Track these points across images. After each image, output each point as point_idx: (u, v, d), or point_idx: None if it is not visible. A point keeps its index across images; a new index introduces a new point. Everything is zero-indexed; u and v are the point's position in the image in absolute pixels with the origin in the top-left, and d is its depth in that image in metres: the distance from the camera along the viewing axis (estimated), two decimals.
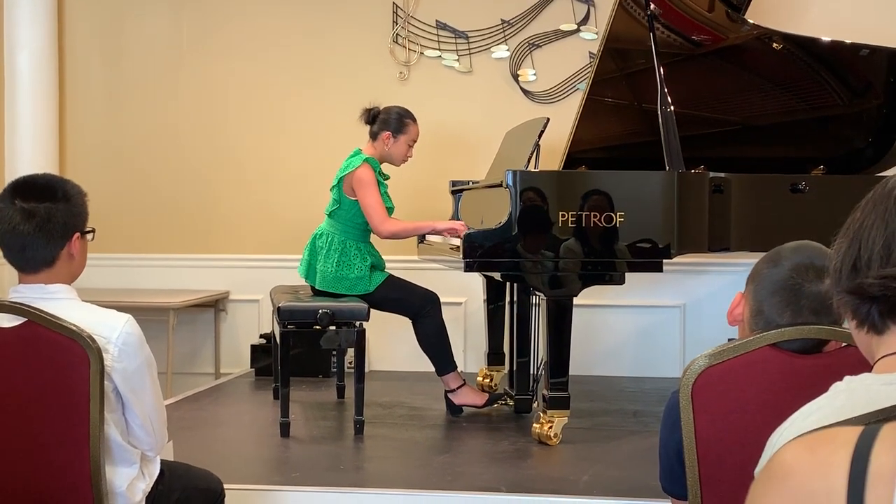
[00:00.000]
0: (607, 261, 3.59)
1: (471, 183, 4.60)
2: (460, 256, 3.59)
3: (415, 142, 4.22)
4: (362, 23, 5.39)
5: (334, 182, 4.13)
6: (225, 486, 2.43)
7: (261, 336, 5.30)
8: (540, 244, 3.56)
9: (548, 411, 3.61)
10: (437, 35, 5.36)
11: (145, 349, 2.07)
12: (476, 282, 4.80)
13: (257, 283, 5.33)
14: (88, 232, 2.12)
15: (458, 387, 4.10)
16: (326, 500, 3.07)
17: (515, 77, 5.32)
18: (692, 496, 1.66)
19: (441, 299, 4.12)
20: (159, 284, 5.49)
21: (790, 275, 1.61)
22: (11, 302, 2.01)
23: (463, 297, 5.22)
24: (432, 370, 4.11)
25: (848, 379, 1.05)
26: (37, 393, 1.98)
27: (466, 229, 3.87)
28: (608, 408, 4.36)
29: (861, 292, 1.01)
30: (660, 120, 3.78)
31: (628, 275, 3.63)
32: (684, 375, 1.64)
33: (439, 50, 5.36)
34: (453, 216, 4.64)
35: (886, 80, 4.30)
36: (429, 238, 4.43)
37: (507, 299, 4.44)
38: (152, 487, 2.17)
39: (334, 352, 4.91)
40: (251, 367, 5.22)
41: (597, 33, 5.14)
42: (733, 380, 1.62)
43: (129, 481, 2.09)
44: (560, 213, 3.55)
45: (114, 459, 2.07)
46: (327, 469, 3.36)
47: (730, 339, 1.68)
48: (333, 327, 3.80)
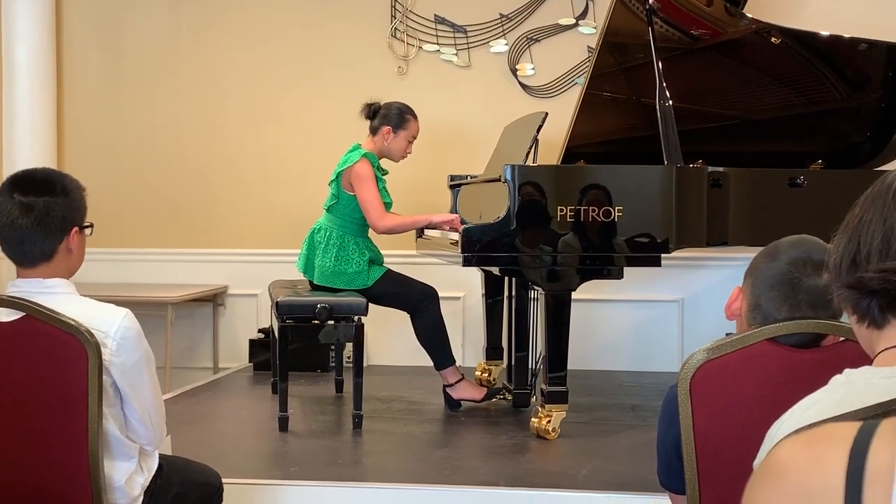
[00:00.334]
0: (606, 255, 3.59)
1: (469, 177, 4.59)
2: (459, 251, 3.58)
3: (415, 138, 4.21)
4: (361, 17, 5.38)
5: (332, 177, 4.12)
6: (223, 480, 2.43)
7: (259, 331, 5.30)
8: (538, 238, 3.56)
9: (546, 405, 3.61)
10: (436, 29, 5.36)
11: (143, 344, 2.07)
12: (474, 276, 4.80)
13: (256, 278, 5.32)
14: (87, 227, 2.12)
15: (456, 381, 4.10)
16: (325, 495, 3.07)
17: (514, 71, 5.31)
18: (690, 490, 1.66)
19: (439, 294, 4.11)
20: (157, 279, 5.49)
21: (788, 269, 1.61)
22: (9, 296, 2.01)
23: (461, 291, 5.22)
24: (431, 365, 4.11)
25: (847, 372, 1.04)
26: (35, 387, 1.98)
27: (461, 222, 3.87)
28: (606, 402, 4.36)
29: (861, 286, 1.01)
30: (658, 114, 3.78)
31: (627, 269, 3.63)
32: (682, 370, 1.64)
33: (438, 44, 5.36)
34: (452, 211, 4.62)
35: (885, 75, 4.30)
36: (427, 233, 4.43)
37: (506, 294, 4.44)
38: (151, 482, 2.17)
39: (333, 346, 4.91)
40: (249, 362, 5.22)
41: (595, 28, 5.13)
42: (731, 374, 1.62)
43: (127, 475, 2.09)
44: (558, 207, 3.55)
45: (112, 454, 2.07)
46: (326, 463, 3.36)
47: (728, 334, 1.68)
48: (332, 322, 3.80)
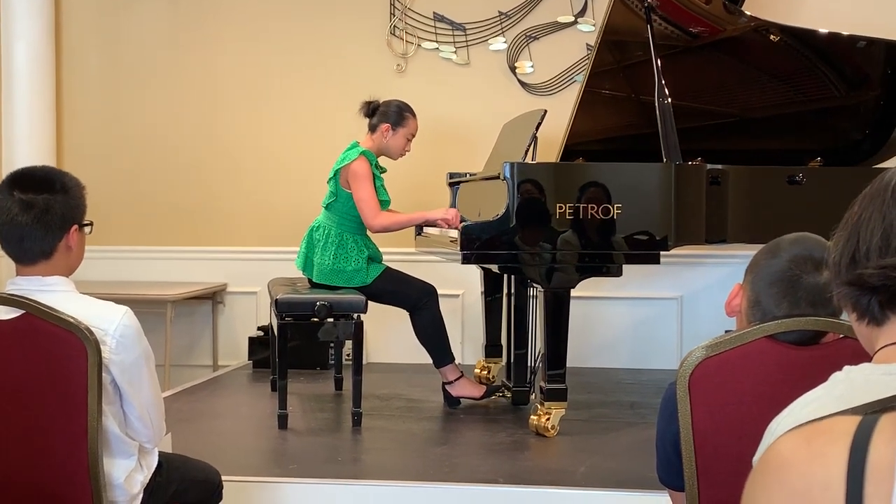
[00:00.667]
0: (604, 253, 3.59)
1: (468, 175, 4.59)
2: (458, 248, 3.59)
3: (413, 136, 4.21)
4: (360, 15, 5.38)
5: (331, 174, 4.12)
6: (223, 477, 2.44)
7: (258, 328, 5.30)
8: (537, 236, 3.56)
9: (545, 403, 3.61)
10: (435, 27, 5.35)
11: (143, 341, 2.07)
12: (474, 274, 4.80)
13: (255, 276, 5.32)
14: (86, 225, 2.12)
15: (455, 379, 4.10)
16: (324, 492, 3.07)
17: (513, 69, 5.31)
18: (689, 487, 1.66)
19: (438, 291, 4.12)
20: (157, 277, 5.48)
21: (788, 266, 1.61)
22: (9, 294, 2.01)
23: (460, 289, 5.22)
24: (430, 362, 4.11)
25: (847, 369, 1.04)
26: (35, 385, 1.98)
27: (459, 215, 3.87)
28: (605, 399, 4.36)
29: (861, 283, 1.01)
30: (657, 112, 3.78)
31: (625, 267, 3.63)
32: (681, 367, 1.64)
33: (437, 42, 5.35)
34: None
35: (884, 72, 4.29)
36: (426, 230, 4.43)
37: (505, 291, 4.44)
38: (150, 479, 2.17)
39: (332, 344, 4.91)
40: (249, 360, 5.22)
41: (594, 25, 5.12)
42: (730, 371, 1.63)
43: (127, 473, 2.09)
44: (557, 205, 3.55)
45: (112, 451, 2.06)
46: (325, 461, 3.36)
47: (727, 331, 1.68)
48: (331, 319, 3.80)
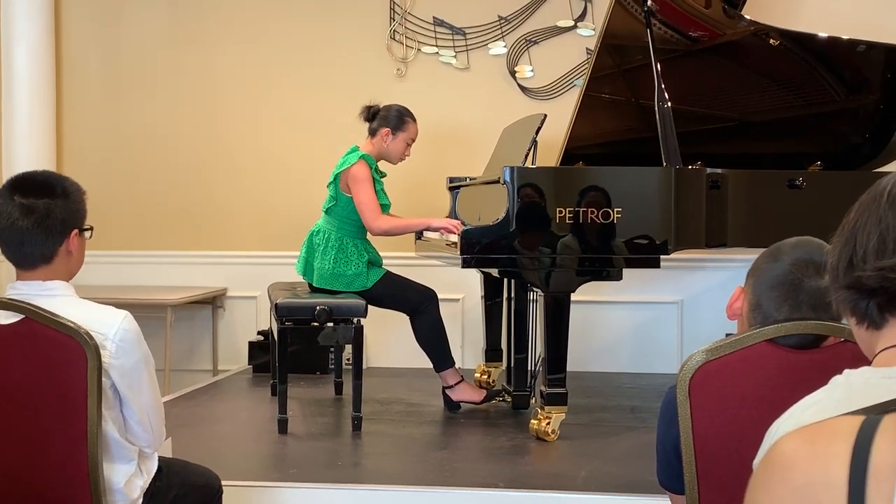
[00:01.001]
0: (605, 257, 3.59)
1: (468, 179, 4.59)
2: (458, 253, 3.58)
3: (413, 140, 4.21)
4: (360, 19, 5.39)
5: (331, 179, 4.12)
6: (223, 482, 2.43)
7: (258, 333, 5.30)
8: (537, 240, 3.56)
9: (545, 407, 3.61)
10: (435, 31, 5.36)
11: (143, 346, 2.07)
12: (474, 278, 4.80)
13: (255, 280, 5.32)
14: (87, 230, 2.12)
15: (455, 383, 4.10)
16: (324, 497, 3.07)
17: (513, 73, 5.31)
18: (689, 491, 1.66)
19: (439, 296, 4.12)
20: (157, 281, 5.48)
21: (790, 269, 1.62)
22: (9, 299, 2.01)
23: (461, 293, 5.22)
24: (430, 367, 4.11)
25: (847, 372, 1.05)
26: (34, 390, 1.98)
27: (462, 227, 3.86)
28: (606, 404, 4.36)
29: (859, 286, 1.01)
30: (657, 116, 3.78)
31: (626, 271, 3.63)
32: (682, 371, 1.64)
33: (436, 46, 5.36)
34: (451, 213, 4.63)
35: (883, 76, 4.30)
36: (426, 234, 4.42)
37: (505, 295, 4.44)
38: (150, 484, 2.17)
39: (332, 348, 4.91)
40: (249, 364, 5.22)
41: (594, 30, 5.13)
42: (730, 375, 1.62)
43: (126, 478, 2.09)
44: (557, 209, 3.55)
45: (111, 456, 2.06)
46: (325, 465, 3.36)
47: (728, 335, 1.68)
48: (331, 324, 3.80)
